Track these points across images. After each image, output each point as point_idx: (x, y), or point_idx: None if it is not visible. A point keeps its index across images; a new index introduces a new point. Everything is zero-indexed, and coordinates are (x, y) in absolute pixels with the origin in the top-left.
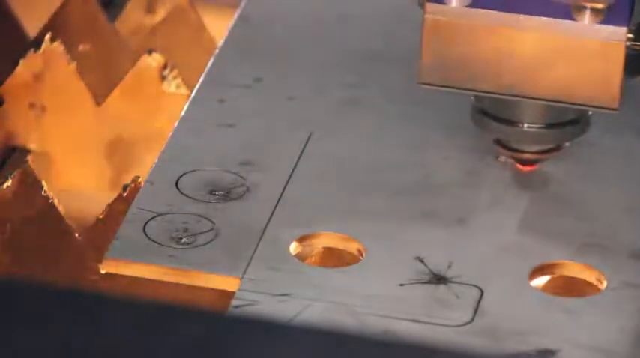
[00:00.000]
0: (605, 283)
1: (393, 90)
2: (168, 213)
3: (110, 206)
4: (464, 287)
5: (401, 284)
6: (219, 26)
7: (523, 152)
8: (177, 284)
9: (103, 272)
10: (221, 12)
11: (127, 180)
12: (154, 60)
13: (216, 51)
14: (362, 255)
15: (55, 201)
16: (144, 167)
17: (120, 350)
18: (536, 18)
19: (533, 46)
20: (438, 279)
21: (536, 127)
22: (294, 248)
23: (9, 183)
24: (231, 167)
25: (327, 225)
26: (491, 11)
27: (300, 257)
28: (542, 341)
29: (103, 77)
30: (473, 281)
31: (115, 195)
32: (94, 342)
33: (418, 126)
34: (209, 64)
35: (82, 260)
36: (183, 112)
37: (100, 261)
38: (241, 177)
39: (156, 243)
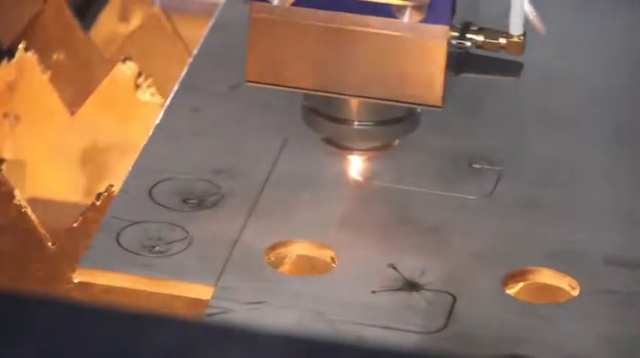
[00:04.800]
0: (578, 289)
1: None
2: (142, 222)
3: (84, 214)
4: (437, 293)
5: (374, 292)
6: (193, 34)
7: (353, 150)
8: (151, 293)
9: (76, 280)
10: (195, 20)
11: (101, 188)
12: (129, 68)
13: (191, 59)
14: (335, 263)
15: (29, 210)
16: (118, 176)
17: None
18: (361, 17)
19: (359, 44)
20: (411, 286)
21: (365, 125)
22: (267, 256)
23: None
24: (205, 175)
25: (301, 233)
26: (316, 10)
27: (274, 265)
28: (515, 348)
29: (77, 86)
30: (446, 288)
31: (88, 203)
32: (68, 351)
33: None
34: (183, 73)
35: (55, 268)
36: (157, 121)
37: (74, 270)
38: (215, 185)
39: (129, 251)
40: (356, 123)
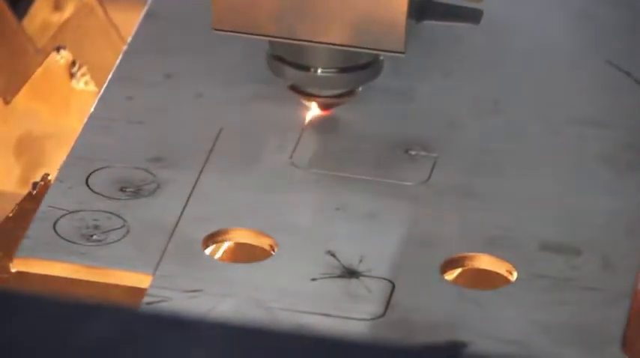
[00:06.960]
0: (515, 275)
1: None
2: (78, 211)
3: (20, 204)
4: (375, 280)
5: (313, 279)
6: (127, 22)
7: (318, 97)
8: (89, 282)
9: (13, 270)
10: (129, 8)
11: (37, 178)
12: (63, 57)
13: (125, 47)
14: (273, 250)
15: None
16: (54, 165)
17: (32, 348)
18: None
19: None
20: (350, 273)
21: (329, 72)
22: (205, 244)
23: None
24: (142, 164)
25: (239, 220)
26: None
27: (212, 253)
28: (453, 334)
29: (11, 75)
30: (384, 275)
31: (24, 193)
32: (6, 341)
33: None
34: (118, 61)
35: None
36: (92, 109)
37: (11, 260)
38: (151, 173)
39: (67, 240)
40: (320, 70)
